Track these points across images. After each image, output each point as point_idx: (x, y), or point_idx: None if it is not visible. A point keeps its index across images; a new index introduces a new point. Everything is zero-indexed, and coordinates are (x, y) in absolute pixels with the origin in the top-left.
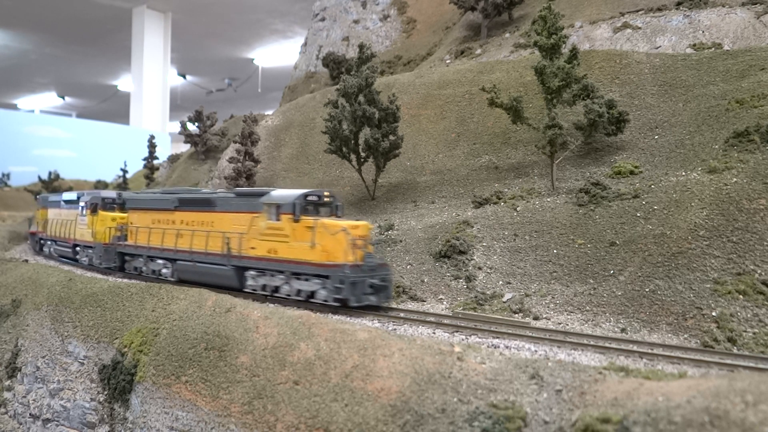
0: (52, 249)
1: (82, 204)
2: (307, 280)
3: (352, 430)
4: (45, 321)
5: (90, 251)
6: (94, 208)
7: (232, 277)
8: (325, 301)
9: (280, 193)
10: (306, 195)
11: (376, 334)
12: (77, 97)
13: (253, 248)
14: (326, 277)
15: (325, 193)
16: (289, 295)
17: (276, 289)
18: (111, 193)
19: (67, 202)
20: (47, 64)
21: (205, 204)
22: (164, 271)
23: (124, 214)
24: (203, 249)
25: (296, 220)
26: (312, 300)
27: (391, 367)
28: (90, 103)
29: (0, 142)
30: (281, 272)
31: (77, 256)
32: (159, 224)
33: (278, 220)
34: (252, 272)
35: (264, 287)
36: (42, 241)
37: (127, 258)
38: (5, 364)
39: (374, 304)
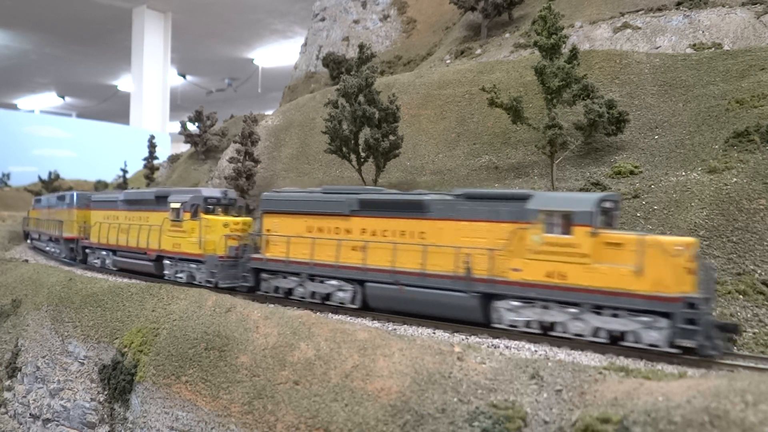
0: (108, 261)
1: (175, 205)
2: (615, 315)
3: (352, 430)
4: (45, 321)
5: (193, 266)
6: (194, 211)
7: (473, 307)
8: (654, 345)
9: (562, 197)
10: (603, 199)
11: (376, 334)
12: (77, 97)
13: (516, 270)
14: (663, 314)
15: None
16: (580, 335)
17: (550, 326)
18: (214, 192)
19: (132, 202)
20: (47, 64)
21: (409, 208)
22: (341, 294)
23: (239, 219)
24: (418, 269)
25: (595, 234)
26: (621, 343)
27: (391, 367)
28: (90, 103)
29: (0, 142)
30: (573, 304)
31: (164, 272)
32: (323, 233)
33: (567, 233)
34: (512, 302)
35: (528, 323)
36: (88, 250)
37: (264, 276)
38: (5, 364)
39: (728, 351)
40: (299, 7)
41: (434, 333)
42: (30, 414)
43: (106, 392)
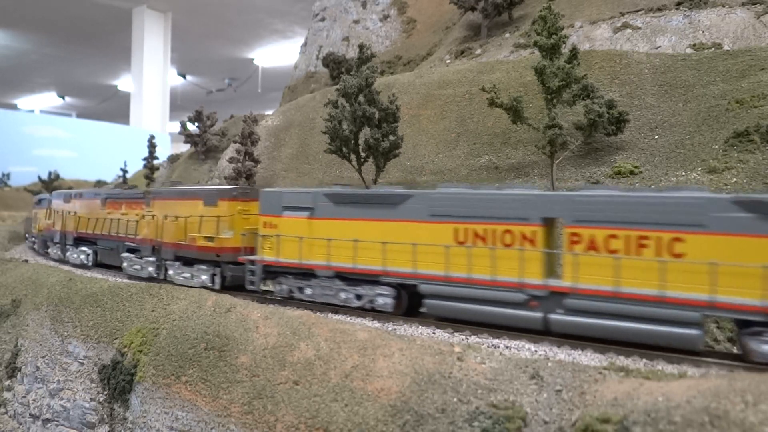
0: None
1: None
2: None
3: (352, 430)
4: (45, 321)
5: None
6: None
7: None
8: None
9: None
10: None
11: (376, 334)
12: (77, 97)
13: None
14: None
15: None
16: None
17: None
18: None
19: None
20: (47, 64)
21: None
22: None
23: None
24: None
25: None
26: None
27: (391, 367)
28: (90, 103)
29: (0, 142)
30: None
31: None
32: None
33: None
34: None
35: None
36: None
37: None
38: (5, 364)
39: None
40: (299, 7)
41: (434, 333)
42: (30, 414)
43: (105, 392)
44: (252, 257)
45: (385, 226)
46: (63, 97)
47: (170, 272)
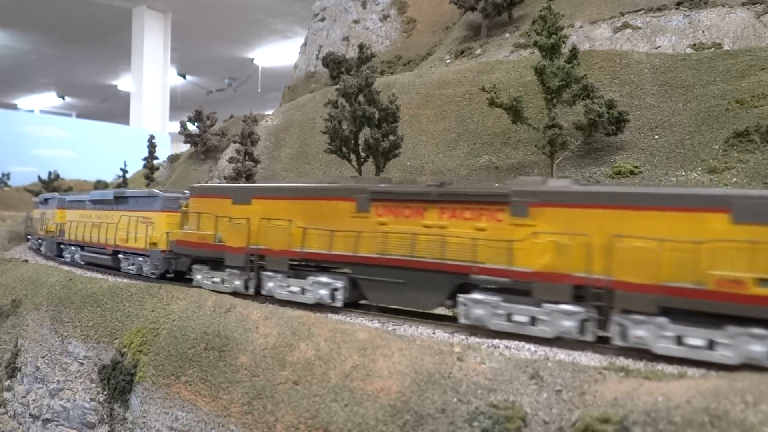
0: None
1: None
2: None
3: (352, 430)
4: (45, 321)
5: None
6: None
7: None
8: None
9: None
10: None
11: (376, 334)
12: (77, 97)
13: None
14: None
15: None
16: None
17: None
18: None
19: None
20: (47, 64)
21: None
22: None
23: None
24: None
25: None
26: None
27: (391, 367)
28: (90, 103)
29: (0, 142)
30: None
31: None
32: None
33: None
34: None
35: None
36: None
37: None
38: (5, 364)
39: None
40: (299, 7)
41: (434, 333)
42: (30, 414)
43: (105, 392)
44: None
45: None
46: (63, 97)
47: (650, 338)
